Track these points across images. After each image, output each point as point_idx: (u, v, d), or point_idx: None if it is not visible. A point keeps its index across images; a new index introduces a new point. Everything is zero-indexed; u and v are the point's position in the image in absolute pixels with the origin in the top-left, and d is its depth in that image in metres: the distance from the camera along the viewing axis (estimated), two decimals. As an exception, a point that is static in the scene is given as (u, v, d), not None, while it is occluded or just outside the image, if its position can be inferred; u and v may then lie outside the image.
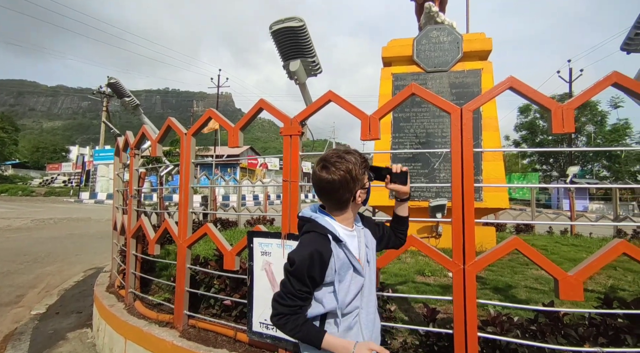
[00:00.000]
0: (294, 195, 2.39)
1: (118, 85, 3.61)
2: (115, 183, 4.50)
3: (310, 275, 1.28)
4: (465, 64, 6.15)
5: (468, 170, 2.01)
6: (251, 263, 2.47)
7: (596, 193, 26.24)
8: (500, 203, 5.45)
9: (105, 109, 35.34)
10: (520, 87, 2.02)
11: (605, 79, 1.89)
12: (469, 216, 1.98)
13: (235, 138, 2.66)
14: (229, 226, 8.55)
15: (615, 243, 1.80)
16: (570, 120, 1.91)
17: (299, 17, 2.29)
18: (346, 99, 2.29)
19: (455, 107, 2.08)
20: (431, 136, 5.96)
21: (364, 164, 1.37)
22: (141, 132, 3.51)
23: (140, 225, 3.44)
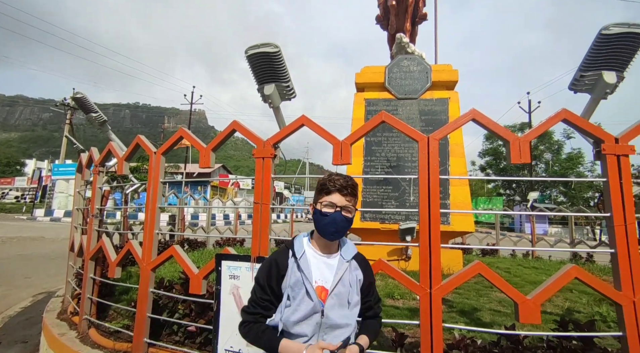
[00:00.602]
0: (265, 217, 2.37)
1: (84, 100, 3.49)
2: (75, 201, 4.27)
3: (269, 284, 1.39)
4: (434, 92, 6.47)
5: (434, 197, 2.09)
6: (218, 287, 2.40)
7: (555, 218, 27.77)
8: (467, 227, 5.64)
9: (69, 121, 33.85)
10: (482, 119, 2.16)
11: (556, 115, 2.07)
12: (435, 241, 2.04)
13: (206, 159, 2.63)
14: (197, 247, 8.27)
15: (568, 269, 1.92)
16: (526, 151, 2.05)
17: (275, 43, 2.36)
18: (319, 124, 2.35)
19: (422, 136, 2.18)
20: (402, 160, 6.14)
21: (319, 186, 1.45)
22: (107, 149, 3.39)
23: (100, 246, 3.26)
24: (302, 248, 1.43)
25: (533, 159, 32.66)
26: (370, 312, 1.52)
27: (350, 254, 1.45)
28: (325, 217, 1.38)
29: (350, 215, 1.41)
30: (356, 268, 1.46)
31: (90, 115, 3.60)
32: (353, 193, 1.43)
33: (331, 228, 1.38)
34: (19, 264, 9.16)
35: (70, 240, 4.33)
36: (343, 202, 1.39)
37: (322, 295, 1.36)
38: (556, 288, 1.92)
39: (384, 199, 6.00)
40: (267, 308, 1.39)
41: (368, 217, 5.98)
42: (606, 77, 2.06)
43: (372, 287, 1.53)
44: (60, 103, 33.91)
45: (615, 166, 1.94)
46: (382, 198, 6.00)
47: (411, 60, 6.67)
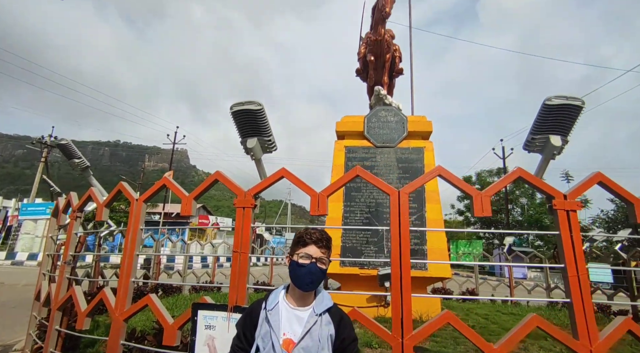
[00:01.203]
0: (243, 266, 2.42)
1: (68, 146, 3.56)
2: (47, 247, 4.16)
3: (244, 332, 1.48)
4: (410, 141, 6.86)
5: (405, 247, 2.21)
6: (194, 338, 2.36)
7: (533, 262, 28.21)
8: (443, 273, 5.74)
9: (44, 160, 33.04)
10: (447, 175, 2.36)
11: (512, 174, 2.29)
12: (406, 291, 2.13)
13: (188, 207, 2.71)
14: (172, 292, 7.95)
15: (529, 318, 2.03)
16: (487, 205, 2.24)
17: (258, 101, 2.56)
18: (297, 176, 2.49)
19: (393, 190, 2.35)
20: (380, 206, 6.32)
21: (295, 239, 1.56)
22: (87, 195, 3.40)
23: (70, 295, 3.16)
24: (275, 301, 1.50)
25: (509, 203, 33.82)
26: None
27: (322, 307, 1.49)
28: (301, 268, 1.47)
29: (324, 267, 1.50)
30: (328, 323, 1.47)
31: (73, 161, 3.65)
32: (327, 246, 1.53)
33: (307, 279, 1.46)
34: (-27, 313, 8.46)
35: (37, 289, 4.15)
36: (318, 254, 1.49)
37: (289, 348, 1.40)
38: (519, 337, 2.02)
39: (363, 244, 6.08)
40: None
41: (347, 263, 6.00)
42: (553, 141, 2.34)
43: (347, 345, 1.47)
44: (37, 141, 33.29)
45: (566, 220, 2.14)
46: (361, 243, 6.08)
47: (389, 111, 7.11)
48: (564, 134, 2.32)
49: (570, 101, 2.18)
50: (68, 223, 3.64)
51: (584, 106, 2.21)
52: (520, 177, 2.27)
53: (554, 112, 2.27)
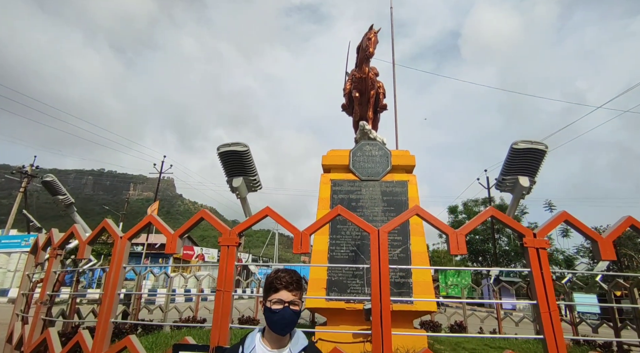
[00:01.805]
0: (226, 305, 2.42)
1: (54, 183, 3.56)
2: (22, 286, 4.03)
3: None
4: (394, 175, 7.04)
5: (385, 284, 2.27)
6: (173, 383, 2.31)
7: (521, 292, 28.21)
8: (429, 307, 5.73)
9: (24, 190, 32.17)
10: (424, 215, 2.47)
11: (485, 213, 2.42)
12: (387, 325, 2.17)
13: (173, 245, 2.73)
14: (153, 330, 7.64)
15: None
16: (462, 243, 2.35)
17: (244, 143, 2.68)
18: (280, 215, 2.57)
19: (373, 229, 2.44)
20: (366, 239, 6.36)
21: (267, 285, 1.60)
22: (70, 232, 3.38)
23: (45, 337, 3.05)
24: (252, 345, 1.55)
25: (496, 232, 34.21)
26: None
27: (298, 347, 1.54)
28: (275, 314, 1.52)
29: (297, 308, 1.56)
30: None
31: (57, 197, 3.64)
32: (298, 288, 1.60)
33: (281, 324, 1.51)
34: None
35: (9, 330, 3.97)
36: (290, 297, 1.55)
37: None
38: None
39: (349, 278, 6.05)
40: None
41: (333, 297, 5.94)
42: (521, 181, 2.50)
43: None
44: (17, 170, 32.55)
45: (536, 257, 2.25)
46: (347, 277, 6.06)
47: (373, 146, 7.35)
48: (531, 175, 2.49)
49: (535, 145, 2.36)
50: (47, 260, 3.58)
51: (547, 150, 2.39)
52: (492, 216, 2.40)
53: (521, 155, 2.45)
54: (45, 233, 3.92)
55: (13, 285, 23.84)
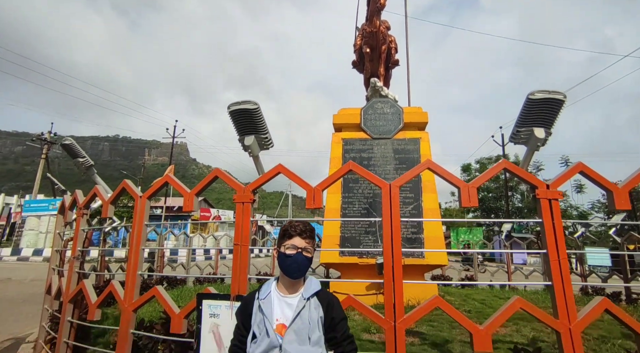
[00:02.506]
0: (244, 258, 2.55)
1: (73, 146, 3.66)
2: (54, 243, 4.30)
3: (241, 321, 1.65)
4: (406, 132, 6.95)
5: (396, 237, 2.34)
6: (199, 326, 2.51)
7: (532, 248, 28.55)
8: (440, 261, 5.90)
9: (45, 156, 33.14)
10: (436, 168, 2.48)
11: (497, 165, 2.41)
12: (398, 277, 2.27)
13: (190, 203, 2.83)
14: (176, 284, 8.15)
15: (513, 301, 2.17)
16: (474, 196, 2.36)
17: (254, 100, 2.66)
18: (293, 172, 2.61)
19: (385, 183, 2.47)
20: (377, 196, 6.45)
21: (281, 233, 1.69)
22: (92, 193, 3.53)
23: (81, 288, 3.31)
24: (267, 291, 1.65)
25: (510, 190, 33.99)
26: (339, 350, 1.61)
27: (310, 292, 1.63)
28: (288, 258, 1.61)
29: (309, 255, 1.65)
30: (317, 306, 1.61)
31: (77, 160, 3.76)
32: (311, 237, 1.68)
33: (294, 268, 1.60)
34: (-17, 308, 8.69)
35: (47, 283, 4.31)
36: (303, 244, 1.63)
37: (282, 332, 1.54)
38: (504, 318, 2.16)
39: (362, 234, 6.23)
40: (242, 342, 1.62)
41: (347, 253, 6.16)
42: (537, 133, 2.44)
43: (337, 323, 1.59)
44: (37, 137, 33.35)
45: (548, 208, 2.26)
46: (360, 233, 6.23)
47: (385, 103, 7.19)
48: (547, 127, 2.42)
49: (552, 95, 2.27)
50: (75, 220, 3.78)
51: (566, 100, 2.31)
52: (505, 168, 2.39)
53: (537, 106, 2.37)
54: (70, 195, 4.10)
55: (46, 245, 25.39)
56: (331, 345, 1.64)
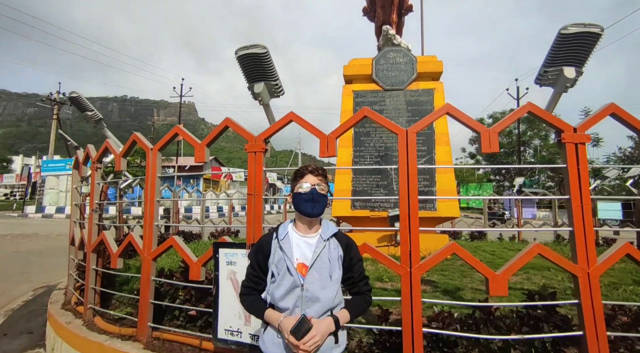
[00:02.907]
0: (258, 207, 2.55)
1: (80, 99, 3.59)
2: (73, 197, 4.40)
3: (257, 262, 1.64)
4: (420, 83, 6.65)
5: (413, 184, 2.29)
6: (217, 273, 2.59)
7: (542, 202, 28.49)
8: (452, 213, 5.90)
9: (56, 117, 33.33)
10: (455, 113, 2.35)
11: (521, 108, 2.27)
12: (414, 225, 2.25)
13: (201, 154, 2.79)
14: (192, 239, 8.44)
15: (532, 246, 2.14)
16: (495, 141, 2.26)
17: (263, 44, 2.50)
18: (306, 119, 2.52)
19: (401, 129, 2.36)
20: (389, 149, 6.34)
21: (293, 176, 1.67)
22: (104, 146, 3.52)
23: (102, 239, 3.42)
24: (285, 231, 1.65)
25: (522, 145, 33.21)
26: (355, 289, 1.65)
27: (329, 233, 1.63)
28: (303, 196, 1.59)
29: (324, 192, 1.61)
30: (336, 246, 1.62)
31: (86, 113, 3.71)
32: (323, 175, 1.64)
33: (310, 204, 1.58)
34: (15, 261, 9.24)
35: (70, 235, 4.47)
36: (316, 181, 1.61)
37: (303, 271, 1.55)
38: (521, 263, 2.15)
39: (373, 188, 6.21)
40: (256, 283, 1.64)
41: (358, 206, 6.20)
42: (566, 73, 2.26)
43: (354, 264, 1.63)
44: (47, 98, 33.32)
45: (574, 153, 2.15)
46: (371, 187, 6.22)
47: (397, 52, 6.81)
48: (578, 65, 2.23)
49: (588, 29, 2.06)
50: (90, 174, 3.81)
51: (603, 33, 2.09)
52: (529, 111, 2.25)
53: (570, 42, 2.16)
54: (83, 151, 4.11)
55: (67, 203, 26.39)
56: (347, 284, 1.67)
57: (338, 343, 1.53)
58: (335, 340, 1.52)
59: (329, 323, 1.49)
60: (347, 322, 1.59)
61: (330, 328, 1.49)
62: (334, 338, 1.52)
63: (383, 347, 2.37)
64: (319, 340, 1.42)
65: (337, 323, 1.50)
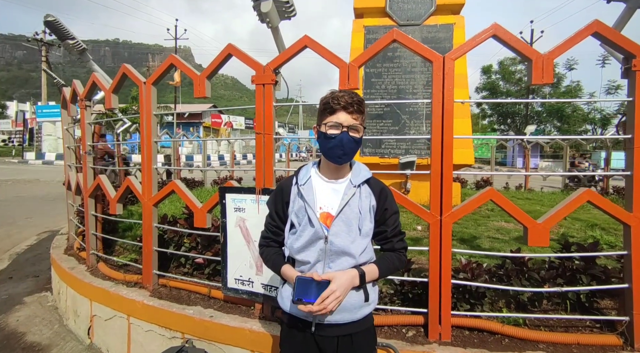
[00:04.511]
0: (269, 148, 2.26)
1: (57, 23, 3.10)
2: (65, 140, 4.09)
3: (276, 211, 1.42)
4: (438, 17, 5.99)
5: (448, 122, 1.97)
6: (224, 220, 2.38)
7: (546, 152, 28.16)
8: (467, 160, 5.62)
9: (45, 59, 31.72)
10: (504, 35, 1.95)
11: (587, 28, 1.87)
12: (448, 168, 1.98)
13: (202, 87, 2.43)
14: (195, 186, 8.29)
15: (581, 192, 1.89)
16: (549, 70, 1.89)
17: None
18: (323, 45, 2.13)
19: (437, 55, 1.99)
20: (402, 92, 5.89)
21: (321, 106, 1.32)
22: (91, 81, 3.12)
23: (98, 183, 3.18)
24: (307, 175, 1.37)
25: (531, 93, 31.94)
26: (387, 245, 1.39)
27: (360, 179, 1.35)
28: (331, 140, 1.27)
29: (358, 135, 1.29)
30: (369, 195, 1.35)
31: (67, 42, 3.25)
32: (360, 111, 1.29)
33: (338, 151, 1.27)
34: (18, 205, 9.21)
35: (66, 179, 4.24)
36: (350, 121, 1.27)
37: (327, 222, 1.31)
38: (568, 211, 1.91)
39: (383, 134, 5.87)
40: (276, 233, 1.41)
41: (367, 152, 5.91)
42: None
43: (389, 217, 1.37)
44: (33, 38, 31.41)
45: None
46: (381, 132, 5.88)
47: (415, -20, 6.05)
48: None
49: None
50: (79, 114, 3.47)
51: None
52: (596, 32, 1.85)
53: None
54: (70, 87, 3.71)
55: (65, 151, 26.13)
56: (379, 240, 1.40)
57: (368, 301, 1.32)
58: (365, 297, 1.31)
59: (353, 276, 1.26)
60: (375, 279, 1.36)
61: (354, 282, 1.26)
62: (364, 295, 1.31)
63: (405, 297, 2.23)
64: (339, 296, 1.20)
65: (362, 277, 1.28)
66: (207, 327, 2.27)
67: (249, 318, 2.29)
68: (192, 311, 2.38)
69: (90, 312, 2.95)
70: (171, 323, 2.42)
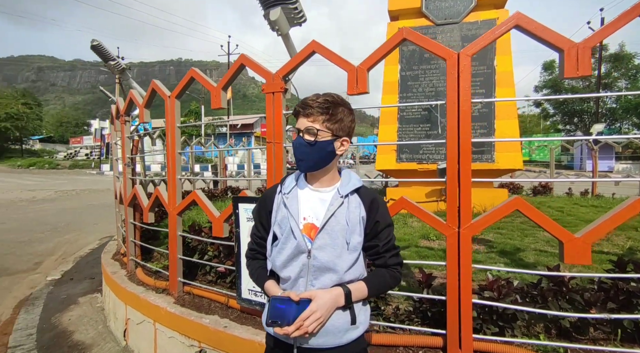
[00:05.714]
0: (279, 157, 2.23)
1: (101, 47, 3.42)
2: (113, 152, 4.45)
3: (260, 221, 1.34)
4: (479, 13, 5.63)
5: (465, 124, 1.79)
6: (238, 230, 2.38)
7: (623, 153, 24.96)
8: (514, 164, 5.15)
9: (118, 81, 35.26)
10: (528, 25, 1.73)
11: (633, 8, 1.59)
12: (465, 175, 1.78)
13: (217, 98, 2.48)
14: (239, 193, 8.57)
15: (634, 200, 1.59)
16: (586, 61, 1.64)
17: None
18: (331, 49, 2.05)
19: (451, 52, 1.82)
20: (441, 95, 5.59)
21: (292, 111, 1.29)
22: (129, 98, 3.37)
23: (134, 193, 3.39)
24: (292, 183, 1.29)
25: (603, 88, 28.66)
26: (379, 261, 1.26)
27: (349, 188, 1.24)
28: (292, 145, 1.24)
29: (311, 139, 1.17)
30: (359, 205, 1.23)
31: (109, 63, 3.56)
32: (322, 112, 1.17)
33: (297, 157, 1.21)
34: (89, 213, 10.23)
35: (115, 190, 4.60)
36: (304, 124, 1.18)
37: (312, 233, 1.20)
38: (615, 223, 1.62)
39: (421, 138, 5.61)
40: (260, 245, 1.34)
41: (404, 158, 5.67)
42: None
43: (381, 230, 1.24)
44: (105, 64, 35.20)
45: None
46: (419, 137, 5.61)
47: (454, -25, 5.75)
48: None
49: None
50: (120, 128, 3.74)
51: None
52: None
53: None
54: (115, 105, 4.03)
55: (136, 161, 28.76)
56: (370, 254, 1.27)
57: (356, 323, 1.20)
58: (352, 319, 1.19)
59: (337, 295, 1.14)
60: (364, 298, 1.23)
61: (339, 301, 1.14)
62: (350, 316, 1.19)
63: (424, 316, 2.05)
64: (320, 317, 1.09)
65: (348, 296, 1.16)
66: (220, 337, 2.27)
67: (262, 330, 2.25)
68: (208, 320, 2.40)
69: (125, 315, 3.12)
70: (189, 331, 2.46)
